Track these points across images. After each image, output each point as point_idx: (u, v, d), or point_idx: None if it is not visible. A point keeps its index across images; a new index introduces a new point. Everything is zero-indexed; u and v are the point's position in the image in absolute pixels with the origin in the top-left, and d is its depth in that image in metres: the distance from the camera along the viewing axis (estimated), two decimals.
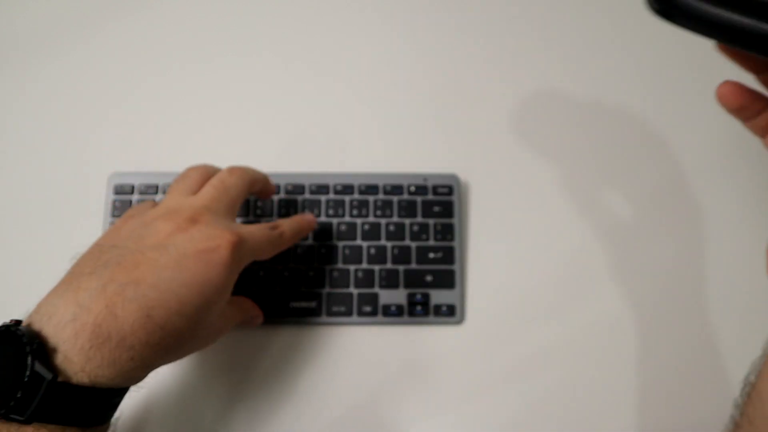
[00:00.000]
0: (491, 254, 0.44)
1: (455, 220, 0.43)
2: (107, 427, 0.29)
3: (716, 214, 0.45)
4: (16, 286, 0.42)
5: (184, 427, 0.40)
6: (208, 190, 0.35)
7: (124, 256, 0.29)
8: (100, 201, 0.44)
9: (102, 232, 0.43)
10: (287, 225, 0.37)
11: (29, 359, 0.24)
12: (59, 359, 0.25)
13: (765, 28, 0.22)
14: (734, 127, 0.31)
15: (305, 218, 0.40)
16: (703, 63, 0.42)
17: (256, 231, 0.34)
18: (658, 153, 0.47)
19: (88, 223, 0.44)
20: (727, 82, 0.29)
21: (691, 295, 0.43)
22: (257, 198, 0.43)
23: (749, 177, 0.46)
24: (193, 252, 0.30)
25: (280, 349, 0.42)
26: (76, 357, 0.26)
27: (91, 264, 0.29)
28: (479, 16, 0.52)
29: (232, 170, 0.36)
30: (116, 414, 0.29)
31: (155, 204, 0.35)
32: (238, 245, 0.31)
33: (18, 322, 0.26)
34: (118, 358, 0.26)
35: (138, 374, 0.28)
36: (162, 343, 0.28)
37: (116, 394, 0.28)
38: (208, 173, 0.36)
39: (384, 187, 0.44)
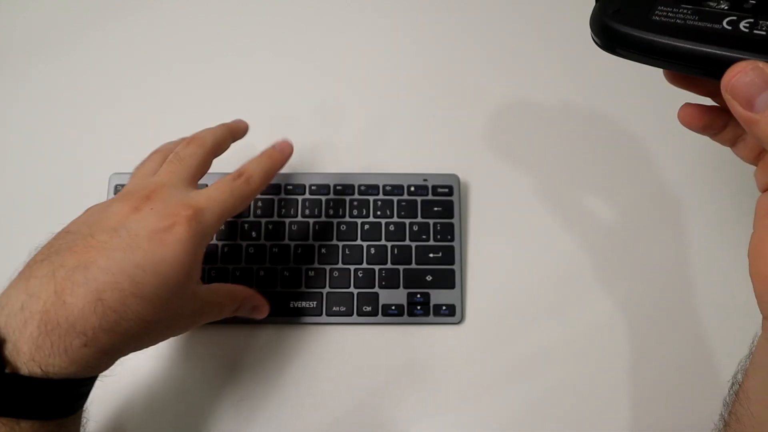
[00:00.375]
0: (491, 254, 0.44)
1: (455, 220, 0.43)
2: (76, 419, 0.29)
3: (708, 217, 0.45)
4: None
5: (181, 426, 0.40)
6: (164, 166, 0.34)
7: (75, 242, 0.28)
8: (100, 201, 0.44)
9: None
10: (254, 166, 0.35)
11: None
12: (8, 349, 0.25)
13: (705, 50, 0.23)
14: None
15: (275, 150, 0.37)
16: None
17: (216, 191, 0.32)
18: (657, 153, 0.48)
19: None
20: (686, 106, 0.29)
21: (689, 295, 0.43)
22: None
23: (740, 180, 0.46)
24: (146, 232, 0.28)
25: (280, 349, 0.42)
26: (25, 346, 0.25)
27: (45, 251, 0.28)
28: (480, 16, 0.52)
29: (189, 141, 0.35)
30: (87, 402, 0.29)
31: None
32: (195, 218, 0.30)
33: None
34: (70, 345, 0.25)
35: (98, 362, 0.27)
36: (119, 328, 0.27)
37: (79, 384, 0.27)
38: (168, 151, 0.35)
39: (384, 187, 0.44)
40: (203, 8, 0.52)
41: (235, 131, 0.38)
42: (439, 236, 0.43)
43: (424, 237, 0.43)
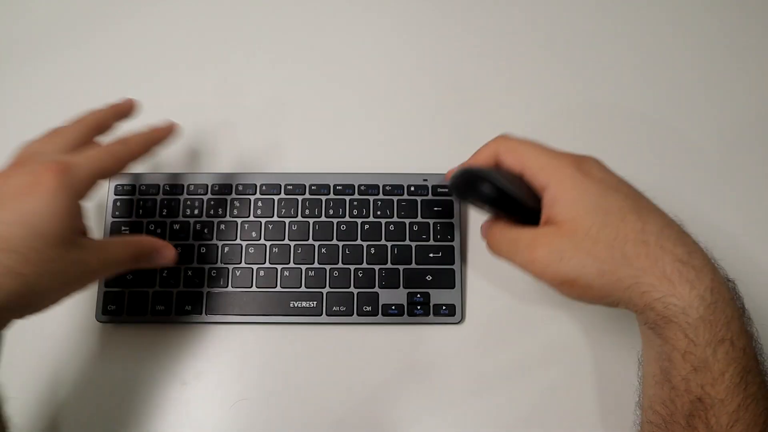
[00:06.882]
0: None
1: (455, 220, 0.43)
2: None
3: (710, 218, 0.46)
4: None
5: (181, 426, 0.40)
6: (42, 139, 0.34)
7: None
8: (100, 202, 0.44)
9: (102, 233, 0.43)
10: (134, 134, 0.36)
11: None
12: None
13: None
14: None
15: (158, 126, 0.38)
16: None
17: (92, 150, 0.33)
18: (657, 153, 0.48)
19: (88, 224, 0.44)
20: None
21: None
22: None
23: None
24: (13, 190, 0.29)
25: (280, 349, 0.42)
26: None
27: None
28: (480, 16, 0.52)
29: (70, 120, 0.36)
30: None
31: None
32: (65, 171, 0.30)
33: None
34: None
35: None
36: None
37: None
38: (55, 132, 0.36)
39: (384, 187, 0.44)
40: (202, 10, 0.52)
41: (120, 111, 0.38)
42: (439, 236, 0.43)
43: (424, 237, 0.43)
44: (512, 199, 0.32)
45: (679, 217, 0.32)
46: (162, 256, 0.36)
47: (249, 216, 0.43)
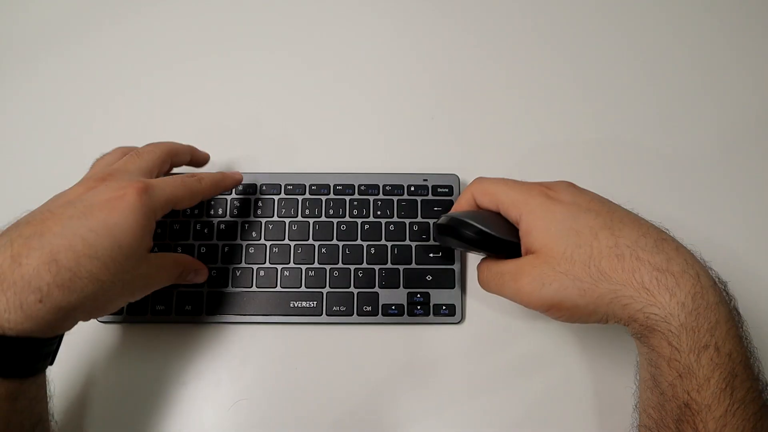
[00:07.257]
0: None
1: None
2: (39, 383, 0.30)
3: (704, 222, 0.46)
4: None
5: (181, 426, 0.40)
6: (123, 159, 0.37)
7: (33, 216, 0.31)
8: None
9: None
10: (206, 173, 0.39)
11: None
12: None
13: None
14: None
15: (228, 173, 0.41)
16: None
17: (169, 178, 0.36)
18: (657, 153, 0.48)
19: None
20: None
21: None
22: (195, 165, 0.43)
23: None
24: (100, 201, 0.31)
25: (280, 349, 0.42)
26: None
27: (4, 229, 0.30)
28: (481, 16, 0.52)
29: (148, 144, 0.39)
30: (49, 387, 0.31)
31: None
32: (145, 190, 0.32)
33: None
34: (25, 301, 0.27)
35: (54, 319, 0.28)
36: (73, 286, 0.28)
37: (37, 343, 0.29)
38: (129, 149, 0.39)
39: (384, 187, 0.44)
40: (202, 9, 0.52)
41: (195, 155, 0.42)
42: None
43: (424, 237, 0.43)
44: (493, 238, 0.34)
45: (677, 219, 0.32)
46: (199, 276, 0.40)
47: (249, 216, 0.43)
